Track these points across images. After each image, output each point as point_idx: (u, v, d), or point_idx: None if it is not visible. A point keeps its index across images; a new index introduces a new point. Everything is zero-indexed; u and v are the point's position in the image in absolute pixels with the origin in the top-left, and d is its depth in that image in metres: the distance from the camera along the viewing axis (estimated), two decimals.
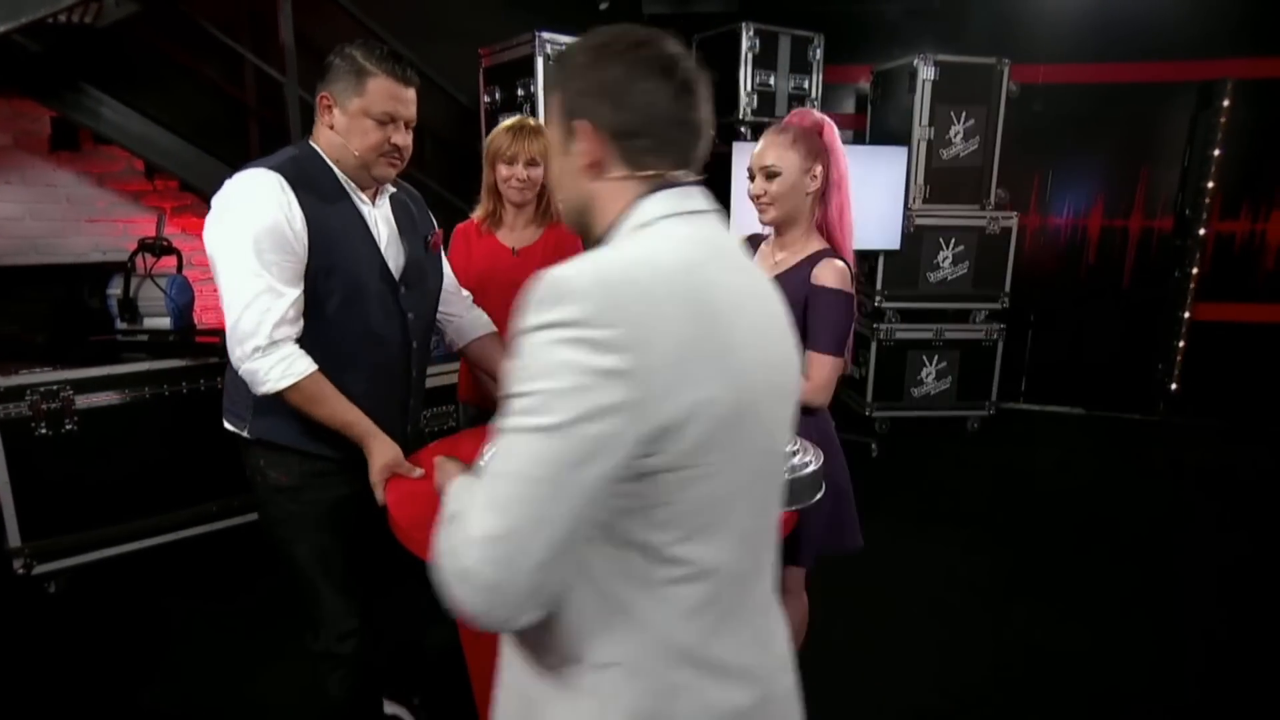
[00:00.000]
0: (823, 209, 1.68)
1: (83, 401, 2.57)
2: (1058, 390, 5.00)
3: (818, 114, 1.67)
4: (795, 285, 1.64)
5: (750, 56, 4.11)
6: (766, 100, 4.22)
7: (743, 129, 4.19)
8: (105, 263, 3.23)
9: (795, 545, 1.72)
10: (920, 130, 4.15)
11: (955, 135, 4.19)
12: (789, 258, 1.69)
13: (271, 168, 1.40)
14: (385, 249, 1.51)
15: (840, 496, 1.74)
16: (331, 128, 1.44)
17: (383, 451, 1.45)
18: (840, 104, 4.96)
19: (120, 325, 2.82)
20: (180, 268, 2.85)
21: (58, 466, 2.53)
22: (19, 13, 2.24)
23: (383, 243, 1.51)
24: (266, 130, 3.75)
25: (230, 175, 1.41)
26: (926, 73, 4.09)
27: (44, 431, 2.51)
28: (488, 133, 3.58)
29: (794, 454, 1.44)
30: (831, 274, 1.60)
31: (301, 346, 1.41)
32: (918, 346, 4.38)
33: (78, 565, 2.61)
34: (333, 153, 1.46)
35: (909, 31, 4.75)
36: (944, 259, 4.31)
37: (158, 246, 2.81)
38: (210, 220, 1.40)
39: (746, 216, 1.90)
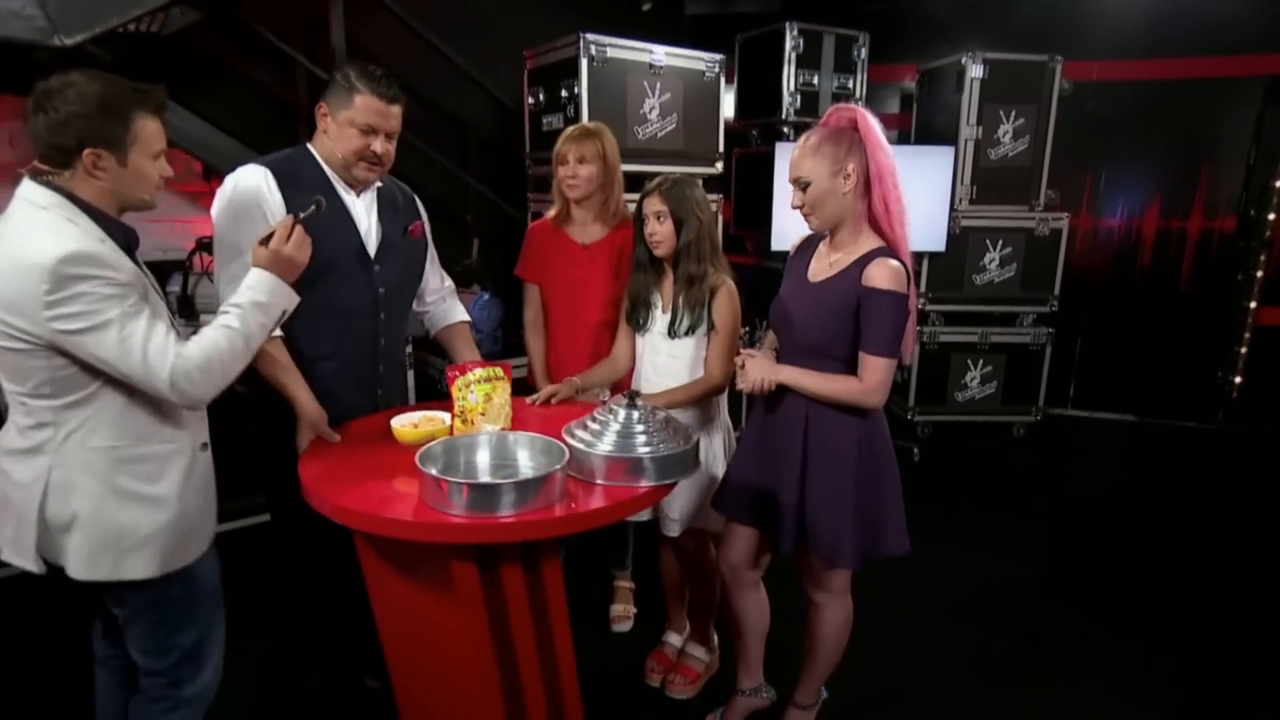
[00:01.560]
0: (867, 204, 1.65)
1: None
2: (1108, 396, 4.85)
3: (852, 108, 1.64)
4: (846, 287, 1.63)
5: (794, 56, 4.08)
6: (810, 100, 4.18)
7: (785, 129, 4.16)
8: (165, 261, 3.36)
9: (838, 546, 1.70)
10: (967, 130, 4.06)
11: (1004, 135, 4.09)
12: (843, 258, 1.67)
13: (263, 163, 1.69)
14: (365, 233, 1.76)
15: (888, 499, 1.72)
16: (326, 133, 1.70)
17: (309, 414, 1.65)
18: (885, 103, 4.89)
19: (179, 322, 2.92)
20: None
21: None
22: (94, 23, 2.34)
23: (362, 227, 1.76)
24: (315, 131, 3.85)
25: None
26: (975, 71, 4.00)
27: None
28: (530, 134, 3.64)
29: (663, 433, 1.48)
30: (882, 274, 1.58)
31: None
32: (962, 350, 4.29)
33: None
34: (324, 153, 1.72)
35: (956, 29, 4.66)
36: (990, 261, 4.21)
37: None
38: (215, 203, 1.67)
39: (788, 218, 1.90)
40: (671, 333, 1.98)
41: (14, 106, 3.07)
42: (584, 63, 3.13)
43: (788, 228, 4.04)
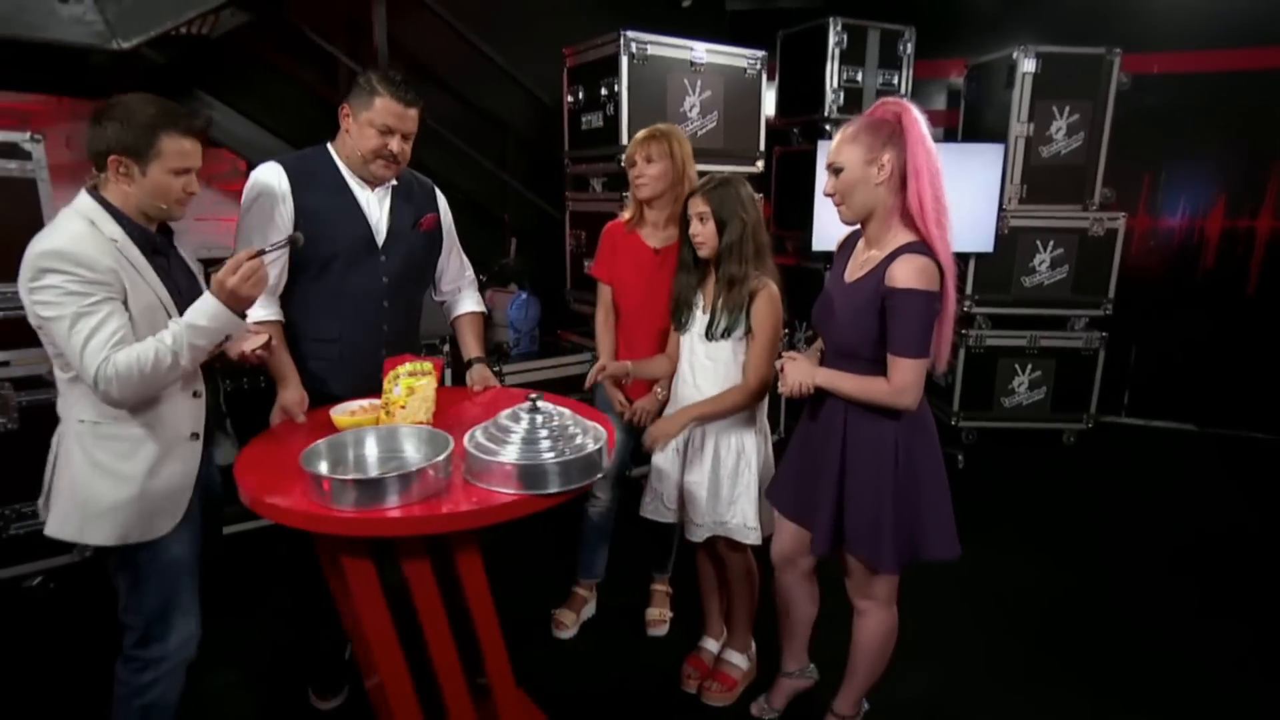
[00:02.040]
0: (901, 199, 1.60)
1: None
2: (1166, 404, 4.66)
3: (899, 101, 1.60)
4: (874, 287, 1.60)
5: (837, 52, 4.01)
6: (853, 97, 4.10)
7: (827, 127, 4.09)
8: (210, 259, 3.44)
9: (877, 549, 1.67)
10: (1018, 126, 3.94)
11: (1057, 131, 3.96)
12: (876, 254, 1.64)
13: (280, 161, 1.82)
14: (375, 224, 1.88)
15: (931, 503, 1.68)
16: (348, 132, 1.82)
17: (285, 394, 1.78)
18: (931, 100, 4.78)
19: None
20: None
21: None
22: (150, 26, 2.41)
23: (373, 219, 1.88)
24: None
25: None
26: (1027, 65, 3.88)
27: None
28: (569, 132, 3.64)
29: (574, 435, 1.42)
30: (905, 272, 1.54)
31: (289, 298, 1.84)
32: (1009, 354, 4.16)
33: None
34: (345, 152, 1.84)
35: (1007, 22, 4.53)
36: (1041, 262, 4.08)
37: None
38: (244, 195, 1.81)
39: (829, 218, 1.87)
40: (709, 335, 1.96)
41: (72, 109, 3.18)
42: (624, 60, 3.12)
43: (829, 227, 3.97)
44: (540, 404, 1.45)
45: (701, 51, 3.31)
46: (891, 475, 1.64)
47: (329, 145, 1.87)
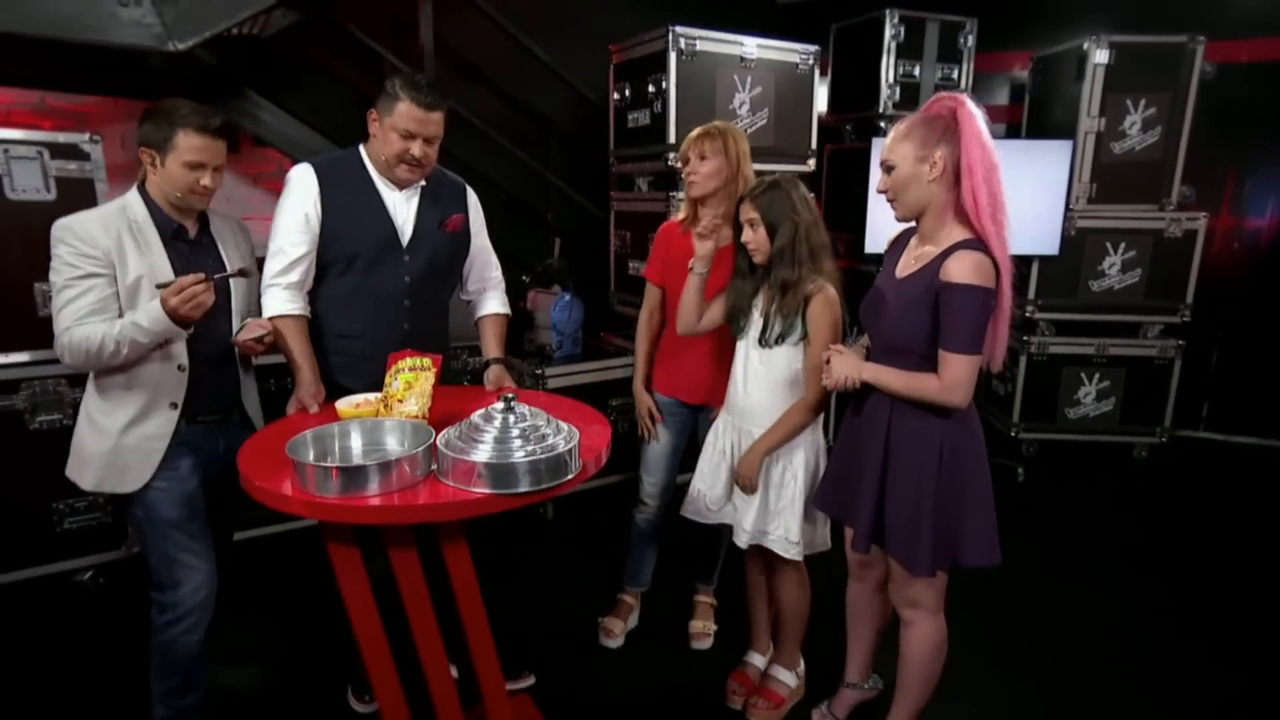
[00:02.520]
0: (955, 196, 1.60)
1: None
2: (1250, 418, 4.43)
3: (956, 96, 1.59)
4: (925, 282, 1.59)
5: (893, 46, 3.94)
6: (910, 92, 4.02)
7: (882, 124, 4.02)
8: (257, 258, 3.55)
9: (913, 550, 1.66)
10: (1088, 121, 3.80)
11: (1131, 126, 3.81)
12: (930, 250, 1.64)
13: (313, 162, 1.91)
14: (401, 224, 1.94)
15: (973, 506, 1.66)
16: (375, 136, 1.89)
17: (303, 385, 1.84)
18: (993, 95, 4.65)
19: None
20: None
21: None
22: (204, 28, 2.49)
23: (398, 219, 1.94)
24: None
25: None
26: (1099, 56, 3.74)
27: None
28: (615, 131, 3.65)
29: (544, 433, 1.43)
30: (960, 267, 1.54)
31: (315, 294, 1.91)
32: (1075, 362, 4.02)
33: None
34: (373, 155, 1.92)
35: (1075, 11, 4.38)
36: (1111, 265, 3.94)
37: None
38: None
39: (883, 219, 1.84)
40: (762, 341, 1.94)
41: (127, 110, 3.31)
42: (672, 56, 3.11)
43: (883, 228, 3.86)
44: (515, 404, 1.47)
45: (752, 47, 3.28)
46: (934, 474, 1.64)
47: (360, 147, 1.95)
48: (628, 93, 3.43)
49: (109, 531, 2.70)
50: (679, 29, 3.11)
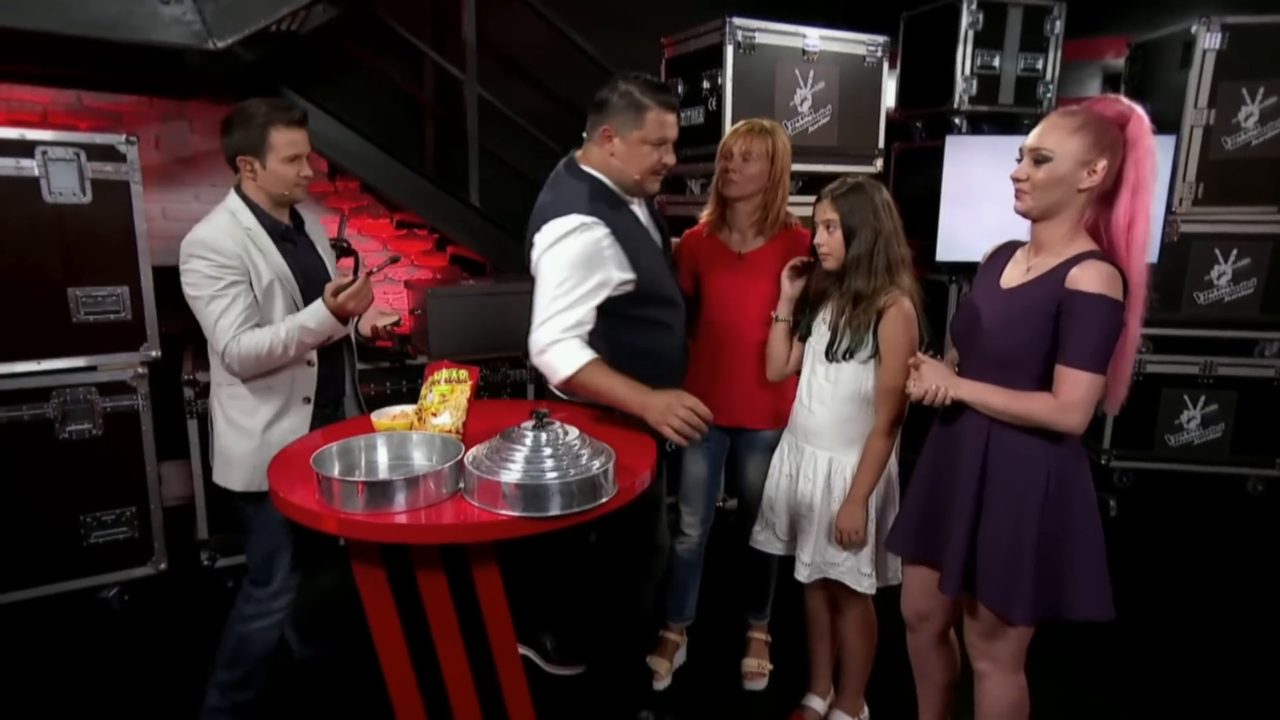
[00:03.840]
0: (1105, 213, 1.55)
1: None
2: None
3: (1127, 102, 1.51)
4: (1046, 291, 1.51)
5: (970, 34, 3.83)
6: (989, 85, 3.91)
7: (957, 120, 3.92)
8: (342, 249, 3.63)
9: (1010, 597, 1.55)
10: (1196, 114, 3.62)
11: (1247, 119, 3.62)
12: (1042, 263, 1.57)
13: (590, 213, 1.80)
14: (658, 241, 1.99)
15: (1082, 549, 1.55)
16: (613, 155, 1.86)
17: (650, 408, 1.76)
18: (1080, 86, 4.50)
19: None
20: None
21: None
22: (244, 25, 2.56)
23: (654, 234, 2.00)
24: (442, 129, 4.04)
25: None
26: (1209, 40, 3.57)
27: None
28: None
29: (580, 453, 1.42)
30: (1091, 276, 1.47)
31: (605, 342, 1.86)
32: (1177, 383, 3.83)
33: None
34: (612, 174, 1.88)
35: None
36: (1220, 275, 3.75)
37: (338, 248, 3.09)
38: (553, 245, 1.81)
39: (957, 224, 1.80)
40: (829, 355, 1.90)
41: (161, 110, 3.44)
42: (729, 50, 3.08)
43: (957, 235, 3.79)
44: (548, 421, 1.46)
45: (815, 39, 3.24)
46: (1038, 509, 1.54)
47: (590, 170, 1.89)
48: (681, 89, 3.42)
49: (136, 547, 2.75)
50: (736, 20, 3.08)
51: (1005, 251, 1.71)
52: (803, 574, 1.98)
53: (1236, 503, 3.81)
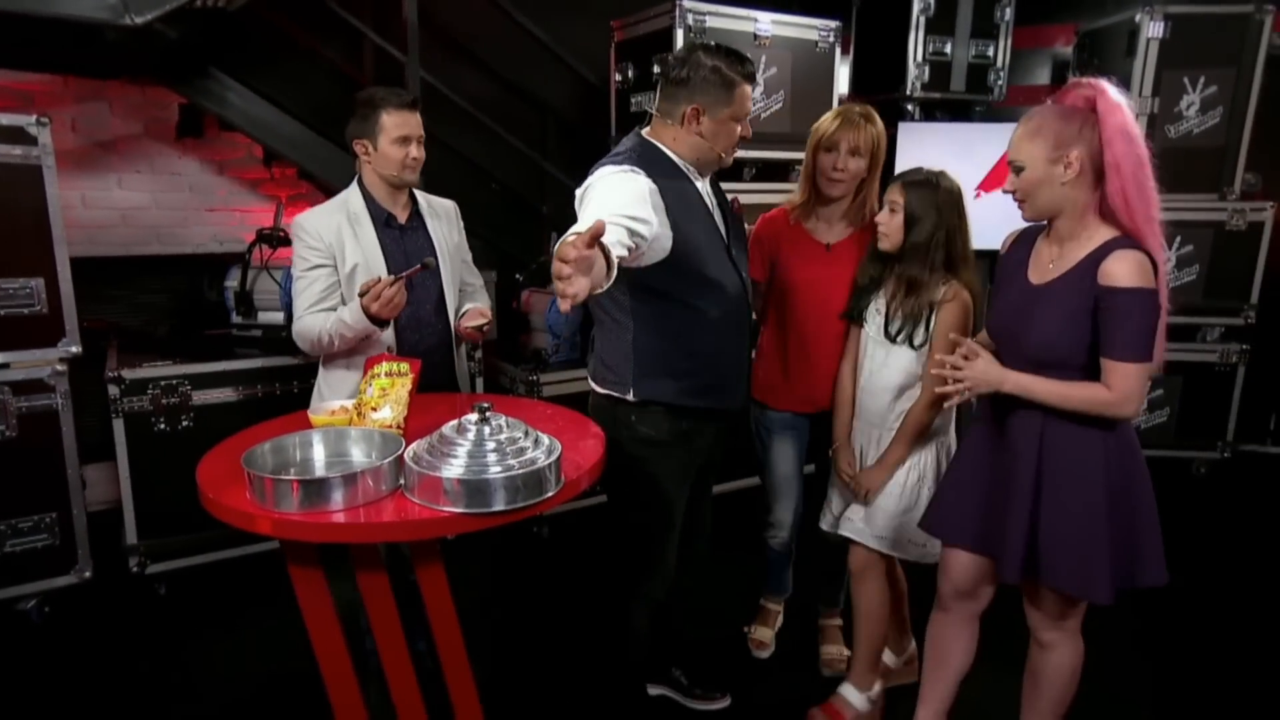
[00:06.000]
0: (1098, 196, 1.60)
1: (199, 398, 2.80)
2: None
3: (1093, 84, 1.56)
4: (1079, 290, 1.58)
5: (922, 20, 3.89)
6: (940, 72, 3.98)
7: (910, 107, 3.99)
8: (223, 254, 3.53)
9: (1090, 578, 1.64)
10: (1140, 102, 3.75)
11: (1188, 107, 3.77)
12: (1067, 256, 1.63)
13: (641, 169, 1.77)
14: (719, 219, 1.94)
15: (1146, 524, 1.67)
16: (700, 134, 1.81)
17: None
18: (1031, 74, 4.61)
19: (235, 319, 3.05)
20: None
21: (173, 464, 2.75)
22: (165, 1, 2.48)
23: (715, 214, 1.94)
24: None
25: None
26: (1153, 29, 3.70)
27: (162, 427, 2.76)
28: (617, 114, 3.63)
29: (523, 446, 1.41)
30: (1123, 269, 1.53)
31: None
32: None
33: (185, 567, 2.84)
34: (689, 152, 1.84)
35: None
36: (1164, 262, 3.90)
37: (274, 237, 3.02)
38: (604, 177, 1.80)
39: None
40: (886, 334, 2.02)
41: (77, 90, 3.30)
42: (680, 34, 3.09)
43: None
44: (491, 415, 1.46)
45: (766, 23, 3.27)
46: (1104, 495, 1.63)
47: (656, 143, 1.85)
48: (631, 74, 3.42)
49: (57, 554, 2.66)
50: (687, 4, 3.09)
51: (1024, 241, 1.77)
52: (825, 522, 2.19)
53: (1182, 485, 3.98)
